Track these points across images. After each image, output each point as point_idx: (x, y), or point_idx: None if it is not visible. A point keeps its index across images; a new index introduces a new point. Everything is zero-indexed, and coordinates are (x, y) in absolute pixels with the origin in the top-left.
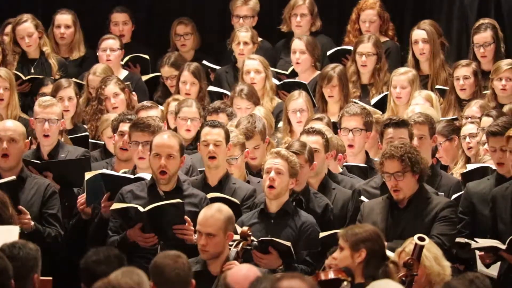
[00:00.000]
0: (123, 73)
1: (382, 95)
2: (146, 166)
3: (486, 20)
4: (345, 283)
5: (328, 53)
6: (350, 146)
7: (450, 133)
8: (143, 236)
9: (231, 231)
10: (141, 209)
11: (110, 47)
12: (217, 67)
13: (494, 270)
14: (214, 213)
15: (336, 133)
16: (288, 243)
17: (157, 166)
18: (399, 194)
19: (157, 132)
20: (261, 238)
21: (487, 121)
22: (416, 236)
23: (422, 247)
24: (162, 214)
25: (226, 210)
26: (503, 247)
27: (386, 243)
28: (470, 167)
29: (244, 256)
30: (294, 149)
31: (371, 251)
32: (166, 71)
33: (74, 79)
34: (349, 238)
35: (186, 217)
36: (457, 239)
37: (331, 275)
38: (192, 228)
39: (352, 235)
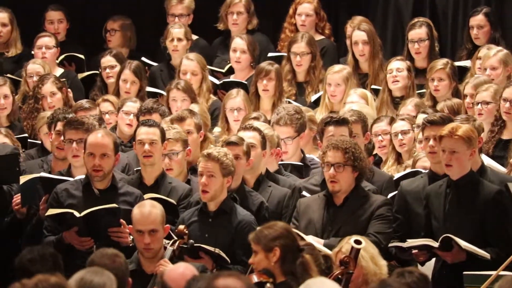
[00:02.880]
0: (58, 71)
1: (320, 93)
2: (80, 164)
3: (421, 19)
4: (268, 284)
5: (269, 55)
6: (284, 152)
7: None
8: (79, 240)
9: (167, 225)
10: (77, 214)
11: (45, 45)
12: (155, 64)
13: (428, 268)
14: (151, 209)
15: None
16: (217, 250)
17: (91, 165)
18: (335, 185)
19: (91, 130)
20: (190, 245)
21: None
22: (352, 239)
23: (358, 250)
24: (98, 219)
25: (158, 204)
26: (436, 245)
27: (323, 241)
28: (399, 175)
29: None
30: (232, 139)
31: (284, 248)
32: (106, 60)
33: (9, 75)
34: (260, 241)
35: (121, 220)
36: (396, 244)
37: (255, 279)
38: (127, 230)
39: (262, 237)
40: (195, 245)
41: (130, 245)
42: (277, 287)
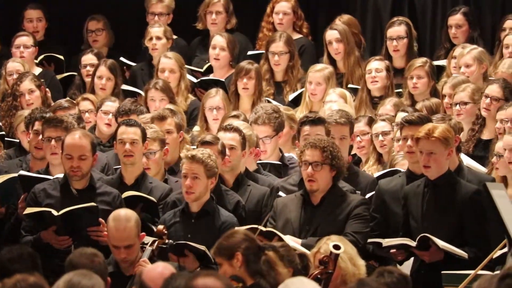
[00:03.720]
0: (37, 71)
1: (299, 91)
2: (58, 162)
3: (401, 17)
4: None
5: (249, 53)
6: (263, 151)
7: None
8: (57, 239)
9: (143, 233)
10: (55, 213)
11: (23, 44)
12: (134, 64)
13: (407, 267)
14: (125, 224)
15: None
16: (203, 247)
17: (69, 166)
18: (313, 184)
19: (70, 128)
20: (176, 242)
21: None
22: (331, 244)
23: (337, 255)
24: (76, 218)
25: (131, 215)
26: (414, 244)
27: (300, 240)
28: (378, 174)
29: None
30: (207, 139)
31: (245, 251)
32: (88, 58)
33: None
34: (221, 252)
35: (100, 219)
36: (373, 239)
37: None
38: (105, 229)
39: (222, 249)
40: (181, 242)
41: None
42: None
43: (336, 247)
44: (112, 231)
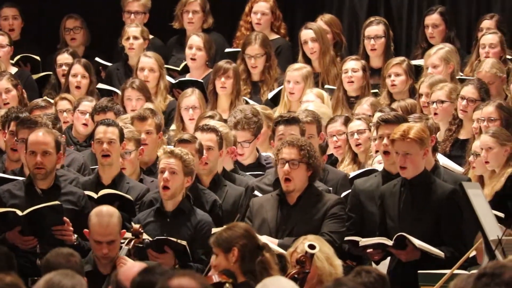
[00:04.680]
0: (12, 70)
1: (278, 88)
2: None
3: (378, 17)
4: (227, 285)
5: (227, 50)
6: (240, 154)
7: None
8: (22, 239)
9: (123, 230)
10: (19, 213)
11: None
12: (109, 64)
13: (384, 267)
14: (108, 220)
15: None
16: (184, 242)
17: (33, 163)
18: (289, 184)
19: None
20: (157, 237)
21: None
22: (306, 244)
23: (312, 255)
24: (41, 217)
25: (114, 211)
26: (390, 243)
27: (277, 240)
28: (354, 173)
29: (139, 255)
30: (185, 137)
31: (242, 248)
32: (63, 57)
33: None
34: (219, 243)
35: (65, 218)
36: (349, 238)
37: (215, 278)
38: (71, 228)
39: (221, 240)
40: (162, 237)
41: (75, 243)
42: (236, 287)
43: (311, 246)
44: (95, 226)
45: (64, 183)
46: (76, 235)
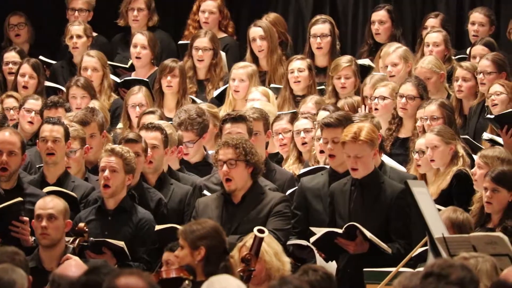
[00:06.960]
0: None
1: (223, 87)
2: None
3: (324, 16)
4: (186, 282)
5: (180, 42)
6: (185, 154)
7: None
8: None
9: (69, 220)
10: None
11: None
12: (54, 62)
13: (333, 266)
14: (53, 198)
15: None
16: (121, 244)
17: None
18: (231, 184)
19: None
20: (94, 239)
21: (323, 115)
22: (255, 228)
23: (261, 239)
24: (3, 216)
25: (63, 200)
26: (340, 231)
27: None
28: (303, 171)
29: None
30: (131, 137)
31: (210, 248)
32: (10, 55)
33: None
34: (187, 236)
35: (25, 218)
36: (297, 241)
37: (173, 273)
38: (29, 229)
39: (191, 233)
40: (99, 239)
41: (32, 245)
42: (195, 286)
43: (261, 231)
44: (39, 203)
45: (26, 184)
46: (33, 238)
